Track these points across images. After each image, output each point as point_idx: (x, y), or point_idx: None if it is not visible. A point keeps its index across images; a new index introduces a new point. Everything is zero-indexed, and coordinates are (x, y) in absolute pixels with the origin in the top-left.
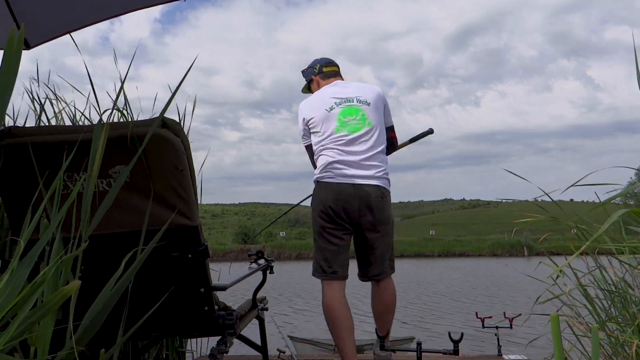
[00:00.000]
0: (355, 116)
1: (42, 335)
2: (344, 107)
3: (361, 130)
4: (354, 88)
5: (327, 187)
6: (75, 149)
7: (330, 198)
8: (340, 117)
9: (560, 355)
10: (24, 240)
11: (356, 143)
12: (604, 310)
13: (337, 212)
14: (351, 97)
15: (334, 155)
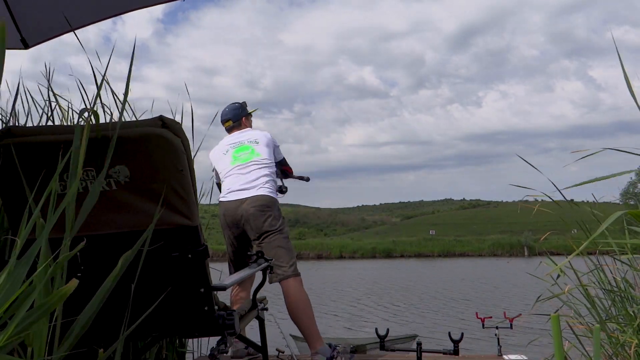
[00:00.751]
0: (245, 151)
1: (38, 335)
2: (237, 147)
3: (250, 160)
4: (245, 135)
5: (222, 205)
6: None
7: (223, 214)
8: (234, 153)
9: (560, 355)
10: (22, 240)
11: (244, 171)
12: (604, 310)
13: None
14: (242, 140)
15: (228, 184)
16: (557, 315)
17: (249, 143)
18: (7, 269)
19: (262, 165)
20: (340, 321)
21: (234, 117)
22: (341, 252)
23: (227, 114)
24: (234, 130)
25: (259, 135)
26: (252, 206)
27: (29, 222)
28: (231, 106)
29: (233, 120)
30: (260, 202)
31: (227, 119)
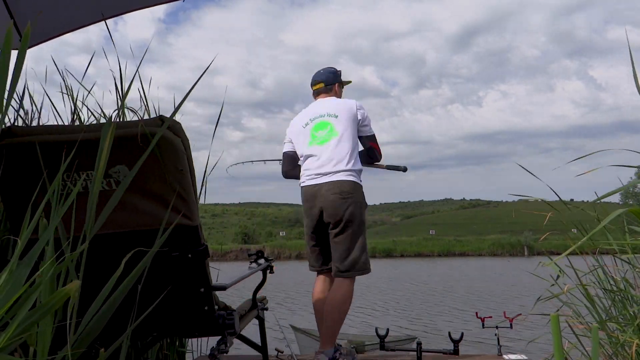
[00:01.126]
0: (324, 129)
1: (42, 335)
2: (316, 123)
3: (330, 141)
4: (326, 105)
5: (301, 190)
6: (75, 149)
7: (303, 200)
8: (313, 132)
9: (560, 355)
10: (24, 240)
11: (323, 152)
12: (605, 310)
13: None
14: (322, 113)
15: (305, 166)
16: (557, 315)
17: (328, 118)
18: (9, 268)
19: (342, 146)
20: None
21: (326, 80)
22: None
23: (320, 76)
24: (321, 95)
25: (341, 107)
26: (331, 192)
27: (32, 222)
28: (326, 69)
29: (325, 84)
30: (340, 188)
31: (319, 80)
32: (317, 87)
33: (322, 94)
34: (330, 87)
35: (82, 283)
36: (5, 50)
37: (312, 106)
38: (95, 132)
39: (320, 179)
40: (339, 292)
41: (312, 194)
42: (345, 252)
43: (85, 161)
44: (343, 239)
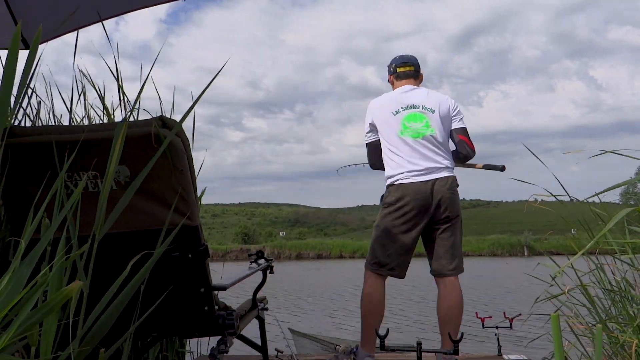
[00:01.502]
0: (419, 122)
1: (46, 335)
2: (409, 113)
3: (425, 136)
4: (421, 96)
5: (400, 187)
6: (76, 149)
7: (405, 196)
8: (405, 122)
9: (560, 355)
10: (26, 241)
11: (421, 147)
12: (604, 310)
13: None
14: (417, 104)
15: (401, 157)
16: (557, 315)
17: (424, 111)
18: (11, 269)
19: (437, 143)
20: (340, 321)
21: (416, 65)
22: (341, 252)
23: (411, 59)
24: (409, 80)
25: (436, 101)
26: (446, 188)
27: (34, 222)
28: (413, 56)
29: (416, 68)
30: (451, 183)
31: (410, 63)
32: (407, 69)
33: (411, 78)
34: (419, 73)
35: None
36: (12, 53)
37: (403, 92)
38: (96, 133)
39: (428, 175)
40: (457, 293)
41: (422, 191)
42: (451, 248)
43: (86, 161)
44: (450, 235)
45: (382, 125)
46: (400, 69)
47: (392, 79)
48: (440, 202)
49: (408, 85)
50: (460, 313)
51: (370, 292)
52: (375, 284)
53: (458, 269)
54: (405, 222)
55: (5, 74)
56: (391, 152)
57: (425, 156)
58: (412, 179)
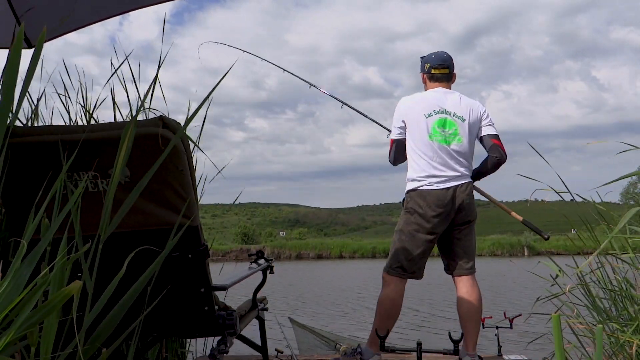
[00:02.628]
0: (449, 129)
1: (46, 335)
2: (440, 118)
3: (452, 144)
4: (454, 102)
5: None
6: (77, 149)
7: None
8: (435, 126)
9: (561, 355)
10: (26, 241)
11: (446, 154)
12: (605, 310)
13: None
14: (449, 110)
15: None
16: (558, 315)
17: (455, 119)
18: (12, 269)
19: (462, 152)
20: (340, 321)
21: (451, 67)
22: (341, 252)
23: (446, 60)
24: (443, 83)
25: (468, 108)
26: (466, 194)
27: (34, 222)
28: (448, 54)
29: (450, 70)
30: (470, 190)
31: (445, 65)
32: (443, 71)
33: (444, 81)
34: (452, 76)
35: (85, 283)
36: (15, 53)
37: (436, 95)
38: (96, 133)
39: (450, 182)
40: (476, 291)
41: (444, 198)
42: (469, 248)
43: (86, 161)
44: (467, 235)
45: (412, 125)
46: (436, 71)
47: (425, 79)
48: (461, 207)
49: (441, 89)
50: (479, 310)
51: (394, 297)
52: (397, 288)
53: (474, 268)
54: (428, 229)
55: (7, 74)
56: (416, 155)
57: (448, 164)
58: (435, 185)
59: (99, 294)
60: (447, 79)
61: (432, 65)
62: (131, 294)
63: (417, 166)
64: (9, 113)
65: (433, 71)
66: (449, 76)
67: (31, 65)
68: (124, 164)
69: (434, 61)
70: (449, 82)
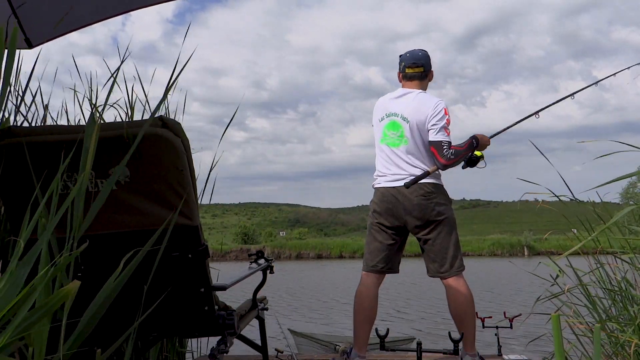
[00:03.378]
0: (396, 131)
1: (39, 336)
2: (389, 121)
3: (400, 146)
4: (405, 103)
5: (375, 191)
6: (74, 149)
7: (377, 199)
8: (386, 130)
9: (560, 355)
10: (24, 241)
11: (395, 156)
12: (605, 310)
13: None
14: (397, 112)
15: (380, 163)
16: (558, 315)
17: (401, 120)
18: (9, 269)
19: (411, 153)
20: (340, 320)
21: (427, 65)
22: (341, 252)
23: (420, 58)
24: (414, 82)
25: (415, 109)
26: (415, 195)
27: (31, 222)
28: (424, 52)
29: (425, 69)
30: (424, 189)
31: (419, 64)
32: (417, 70)
33: (416, 80)
34: (427, 74)
35: (83, 283)
36: (10, 53)
37: (390, 99)
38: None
39: (397, 182)
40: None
41: (389, 194)
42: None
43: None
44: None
45: (374, 130)
46: (409, 70)
47: (400, 78)
48: (410, 209)
49: (401, 90)
50: (470, 310)
51: (360, 290)
52: (365, 282)
53: (453, 269)
54: (378, 223)
55: (3, 74)
56: (376, 157)
57: (397, 165)
58: (383, 183)
59: (96, 294)
60: (421, 78)
61: (406, 64)
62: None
63: (376, 167)
64: (5, 113)
65: (407, 70)
66: (422, 75)
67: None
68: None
69: (408, 60)
70: (422, 80)
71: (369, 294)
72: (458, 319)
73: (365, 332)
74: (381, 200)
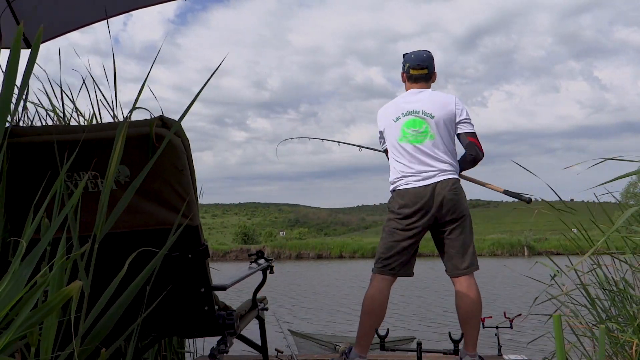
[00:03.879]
0: (419, 128)
1: (46, 334)
2: (408, 119)
3: (425, 142)
4: (424, 101)
5: (402, 192)
6: (77, 149)
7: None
8: (404, 128)
9: (561, 354)
10: (26, 241)
11: (420, 153)
12: (605, 310)
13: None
14: (417, 110)
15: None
16: (559, 315)
17: (424, 117)
18: (12, 269)
19: (437, 148)
20: (340, 320)
21: (431, 66)
22: (341, 252)
23: (425, 60)
24: (419, 83)
25: (438, 105)
26: (448, 190)
27: (34, 222)
28: (428, 53)
29: (429, 70)
30: (452, 185)
31: (424, 65)
32: (421, 72)
33: (422, 82)
34: (431, 75)
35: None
36: (14, 53)
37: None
38: (96, 133)
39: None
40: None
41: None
42: (461, 247)
43: (86, 161)
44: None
45: (387, 132)
46: (414, 71)
47: (405, 79)
48: (443, 204)
49: (413, 89)
50: (478, 310)
51: (373, 294)
52: (379, 286)
53: (472, 267)
54: (405, 226)
55: (6, 74)
56: (393, 159)
57: (424, 162)
58: (412, 184)
59: (101, 293)
60: (426, 79)
61: (411, 66)
62: (128, 294)
63: (394, 169)
64: (8, 114)
65: (411, 71)
66: (427, 76)
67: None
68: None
69: (413, 61)
70: (427, 82)
71: (381, 297)
72: (464, 319)
73: (371, 336)
74: (413, 201)
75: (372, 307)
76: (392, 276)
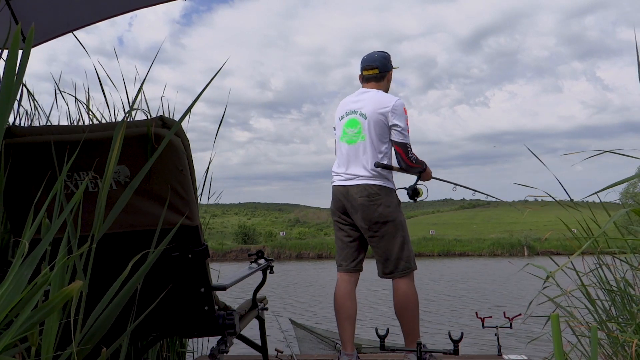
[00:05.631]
0: (354, 128)
1: (47, 334)
2: (348, 119)
3: (357, 142)
4: (364, 101)
5: (332, 190)
6: (78, 150)
7: (332, 199)
8: (345, 127)
9: (560, 354)
10: (27, 241)
11: (350, 153)
12: (605, 311)
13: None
14: (356, 110)
15: (336, 162)
16: (557, 314)
17: (359, 117)
18: (12, 270)
19: (367, 150)
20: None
21: (382, 66)
22: None
23: (375, 60)
24: (370, 83)
25: (374, 106)
26: (360, 195)
27: (34, 223)
28: (380, 54)
29: (380, 70)
30: (368, 191)
31: (374, 66)
32: (372, 72)
33: (372, 82)
34: (384, 75)
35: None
36: (12, 53)
37: (355, 96)
38: (96, 133)
39: (347, 181)
40: (400, 294)
41: (339, 193)
42: (384, 254)
43: (86, 161)
44: (378, 242)
45: (336, 129)
46: (365, 72)
47: (360, 79)
48: (356, 209)
49: (361, 89)
50: (406, 312)
51: (336, 292)
52: (338, 284)
53: (398, 271)
54: (336, 221)
55: (5, 74)
56: (336, 156)
57: (351, 162)
58: (336, 182)
59: (101, 293)
60: (377, 79)
61: (362, 67)
62: (123, 293)
63: (334, 165)
64: (7, 114)
65: (363, 72)
66: (378, 77)
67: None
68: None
69: (364, 62)
70: (378, 82)
71: (341, 292)
72: (397, 315)
73: (346, 330)
74: (336, 199)
75: (337, 305)
76: (345, 272)
